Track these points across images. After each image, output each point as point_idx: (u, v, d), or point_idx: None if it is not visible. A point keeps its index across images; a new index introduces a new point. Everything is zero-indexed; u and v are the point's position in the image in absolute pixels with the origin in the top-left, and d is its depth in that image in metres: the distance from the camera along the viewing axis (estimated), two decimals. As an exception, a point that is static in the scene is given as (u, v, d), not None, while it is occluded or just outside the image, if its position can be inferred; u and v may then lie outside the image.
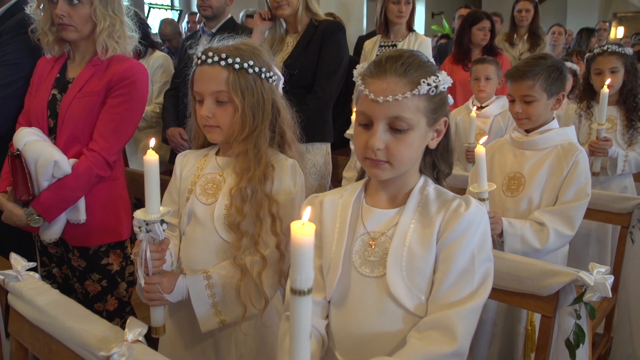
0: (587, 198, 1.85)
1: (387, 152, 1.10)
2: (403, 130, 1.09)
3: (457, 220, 1.10)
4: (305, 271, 0.81)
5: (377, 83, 1.09)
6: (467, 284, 1.08)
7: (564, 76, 1.93)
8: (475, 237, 1.11)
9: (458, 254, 1.09)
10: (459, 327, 1.04)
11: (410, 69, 1.09)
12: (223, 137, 1.48)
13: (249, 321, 1.46)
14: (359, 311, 1.15)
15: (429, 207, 1.14)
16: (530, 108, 1.92)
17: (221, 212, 1.45)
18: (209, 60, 1.43)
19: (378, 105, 1.08)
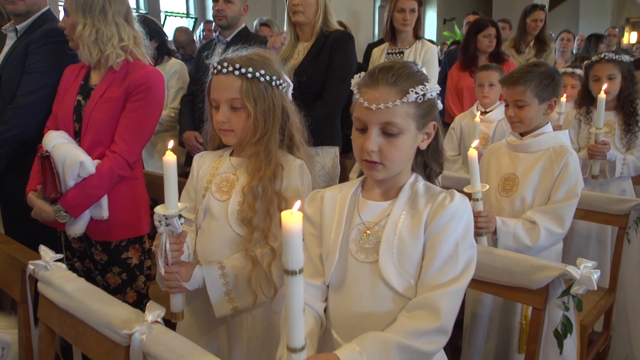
0: (576, 198, 1.95)
1: (381, 154, 1.22)
2: (394, 134, 1.21)
3: (442, 211, 1.22)
4: (295, 253, 0.93)
5: (371, 92, 1.21)
6: (452, 268, 1.19)
7: (556, 83, 2.04)
8: (459, 227, 1.22)
9: (443, 241, 1.20)
10: (443, 306, 1.15)
11: (400, 79, 1.20)
12: (237, 139, 1.60)
13: (259, 308, 1.59)
14: (354, 294, 1.26)
15: (418, 201, 1.26)
16: (522, 112, 2.04)
17: (234, 208, 1.57)
18: (224, 70, 1.56)
19: (371, 112, 1.20)
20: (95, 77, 2.13)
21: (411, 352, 1.13)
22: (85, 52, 2.03)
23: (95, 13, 2.02)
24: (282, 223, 0.91)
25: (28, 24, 2.44)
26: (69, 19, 2.05)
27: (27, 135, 2.26)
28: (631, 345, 2.46)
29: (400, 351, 1.12)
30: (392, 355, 1.11)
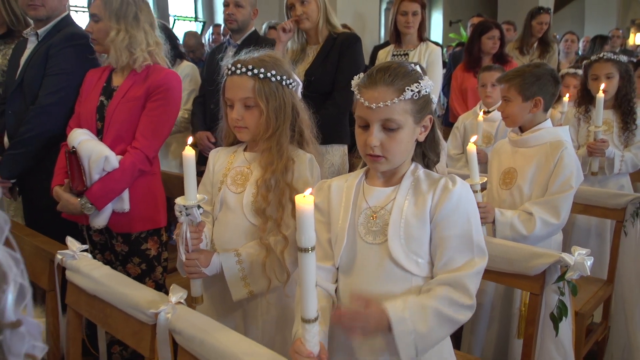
0: (571, 190, 2.05)
1: (383, 148, 1.32)
2: (394, 129, 1.32)
3: (447, 195, 1.32)
4: (308, 233, 1.05)
5: (370, 92, 1.31)
6: (469, 247, 1.30)
7: (543, 83, 2.14)
8: (468, 209, 1.33)
9: (456, 223, 1.31)
10: (471, 287, 1.28)
11: (396, 79, 1.31)
12: (250, 136, 1.72)
13: (273, 293, 1.70)
14: (363, 274, 1.37)
15: (420, 186, 1.37)
16: (507, 108, 2.18)
17: (249, 199, 1.68)
18: (238, 71, 1.67)
19: (372, 110, 1.31)
20: (117, 79, 2.25)
21: (445, 319, 1.26)
22: (115, 56, 2.16)
23: (129, 20, 2.15)
24: (296, 206, 1.02)
25: (48, 28, 2.56)
26: (100, 25, 2.16)
27: (49, 134, 2.38)
28: (629, 334, 2.54)
29: (436, 316, 1.25)
30: (429, 318, 1.24)
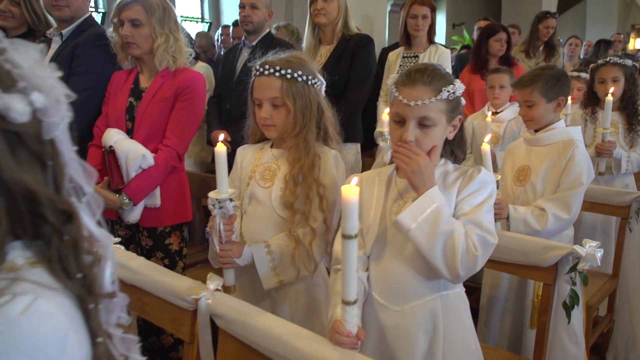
0: (582, 186, 2.15)
1: (417, 143, 1.42)
2: (429, 126, 1.42)
3: (471, 180, 1.44)
4: (351, 221, 1.14)
5: (409, 90, 1.41)
6: (477, 226, 1.41)
7: (563, 83, 2.25)
8: (485, 192, 1.44)
9: (475, 196, 1.44)
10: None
11: (434, 80, 1.41)
12: (278, 133, 1.80)
13: (301, 282, 1.79)
14: (395, 260, 1.47)
15: (449, 177, 1.48)
16: (532, 111, 2.26)
17: (277, 194, 1.77)
18: (266, 72, 1.76)
19: (410, 107, 1.40)
20: (145, 80, 2.35)
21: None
22: (159, 60, 2.25)
23: (171, 25, 2.27)
24: (342, 196, 1.11)
25: (72, 28, 2.64)
26: (141, 30, 2.24)
27: (75, 132, 2.46)
28: (633, 326, 2.65)
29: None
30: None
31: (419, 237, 1.35)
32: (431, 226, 1.34)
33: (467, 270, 1.36)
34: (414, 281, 1.45)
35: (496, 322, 2.37)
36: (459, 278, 1.38)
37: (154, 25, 2.24)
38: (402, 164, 1.40)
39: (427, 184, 1.38)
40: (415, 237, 1.35)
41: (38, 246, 0.70)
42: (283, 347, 1.21)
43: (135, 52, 2.29)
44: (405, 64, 3.74)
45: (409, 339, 1.44)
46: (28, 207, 0.68)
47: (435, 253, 1.35)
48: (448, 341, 1.45)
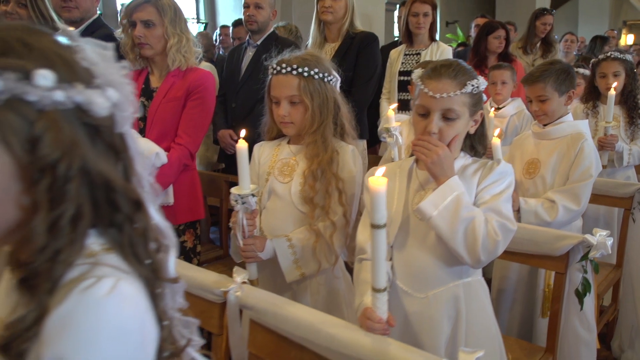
0: (590, 178, 2.21)
1: (440, 135, 1.47)
2: (453, 119, 1.47)
3: (491, 171, 1.50)
4: (380, 211, 1.18)
5: (434, 83, 1.47)
6: (497, 213, 1.46)
7: (572, 76, 2.31)
8: (507, 180, 1.50)
9: (495, 186, 1.49)
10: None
11: (459, 74, 1.47)
12: (296, 130, 1.85)
13: (322, 275, 1.83)
14: (417, 249, 1.52)
15: (469, 169, 1.54)
16: (545, 106, 2.31)
17: (297, 189, 1.82)
18: (283, 70, 1.80)
19: (435, 100, 1.46)
20: (155, 80, 2.39)
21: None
22: (171, 60, 2.29)
23: (182, 25, 2.30)
24: (369, 187, 1.16)
25: (81, 30, 2.68)
26: (154, 31, 2.27)
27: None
28: (637, 315, 2.71)
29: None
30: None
31: (441, 223, 1.40)
32: (452, 213, 1.39)
33: (488, 255, 1.41)
34: (437, 269, 1.50)
35: (506, 312, 2.42)
36: (480, 263, 1.44)
37: (167, 26, 2.28)
38: (422, 155, 1.45)
39: (447, 174, 1.44)
40: (437, 224, 1.40)
41: (110, 234, 0.74)
42: (317, 334, 1.25)
43: (148, 53, 2.32)
44: (407, 61, 3.79)
45: (432, 324, 1.50)
46: (106, 196, 0.72)
47: (457, 239, 1.40)
48: (470, 326, 1.50)
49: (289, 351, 1.35)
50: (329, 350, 1.24)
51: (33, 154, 0.66)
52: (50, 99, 0.67)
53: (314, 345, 1.27)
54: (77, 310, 0.64)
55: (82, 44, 0.73)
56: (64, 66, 0.69)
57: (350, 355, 1.19)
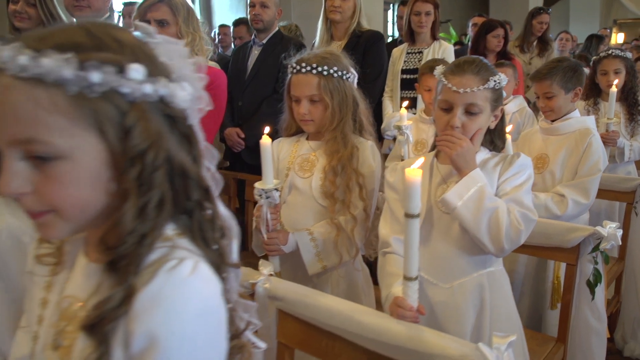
0: (599, 173, 2.28)
1: (463, 129, 1.52)
2: (475, 113, 1.52)
3: (512, 164, 1.56)
4: (414, 201, 1.23)
5: (458, 79, 1.52)
6: (518, 204, 1.51)
7: (579, 74, 2.38)
8: (527, 172, 1.56)
9: (516, 178, 1.54)
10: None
11: (481, 70, 1.52)
12: (316, 127, 1.89)
13: (342, 267, 1.87)
14: (441, 241, 1.57)
15: (489, 162, 1.59)
16: (551, 102, 2.37)
17: (317, 183, 1.86)
18: (303, 70, 1.84)
19: (459, 94, 1.51)
20: None
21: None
22: None
23: (194, 24, 2.33)
24: (405, 178, 1.21)
25: None
26: (169, 30, 2.28)
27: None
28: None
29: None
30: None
31: (465, 214, 1.45)
32: (476, 204, 1.44)
33: (511, 244, 1.47)
34: (461, 260, 1.55)
35: (514, 305, 2.48)
36: (503, 252, 1.49)
37: (180, 25, 2.31)
38: (446, 148, 1.50)
39: (470, 166, 1.49)
40: (461, 214, 1.46)
41: (182, 219, 0.79)
42: (349, 323, 1.29)
43: None
44: (410, 59, 3.84)
45: (458, 313, 1.55)
46: (182, 183, 0.76)
47: (481, 229, 1.45)
48: (494, 315, 1.55)
49: (319, 340, 1.39)
50: (362, 337, 1.28)
51: (125, 143, 0.71)
52: (141, 92, 0.72)
53: (346, 333, 1.31)
54: (165, 288, 0.69)
55: (160, 40, 0.77)
56: (148, 61, 0.73)
57: (385, 342, 1.23)
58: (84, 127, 0.70)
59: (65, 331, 0.79)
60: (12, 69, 0.67)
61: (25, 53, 0.67)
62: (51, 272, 0.86)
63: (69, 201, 0.71)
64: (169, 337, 0.68)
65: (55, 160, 0.70)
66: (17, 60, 0.66)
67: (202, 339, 0.71)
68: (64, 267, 0.86)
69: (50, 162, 0.70)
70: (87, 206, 0.73)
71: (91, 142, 0.71)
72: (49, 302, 0.85)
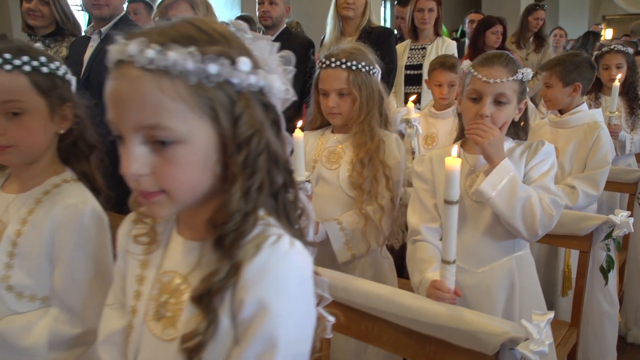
0: (607, 165, 2.38)
1: (492, 119, 1.59)
2: (503, 103, 1.60)
3: (537, 152, 1.65)
4: (454, 188, 1.30)
5: (488, 70, 1.60)
6: (545, 190, 1.60)
7: (581, 70, 2.48)
8: (551, 159, 1.66)
9: (542, 166, 1.64)
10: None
11: (509, 63, 1.60)
12: (343, 121, 1.96)
13: (370, 256, 1.94)
14: (472, 228, 1.66)
15: (515, 151, 1.68)
16: (549, 92, 2.50)
17: (345, 175, 1.93)
18: (333, 64, 1.91)
19: (488, 85, 1.58)
20: None
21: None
22: None
23: (212, 18, 2.36)
24: (445, 165, 1.28)
25: (110, 26, 2.74)
26: None
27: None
28: (642, 296, 2.89)
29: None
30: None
31: (500, 203, 1.53)
32: (510, 193, 1.52)
33: (544, 228, 1.56)
34: (491, 246, 1.64)
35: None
36: (537, 237, 1.58)
37: None
38: (478, 137, 1.58)
39: (501, 155, 1.57)
40: (496, 203, 1.53)
41: (267, 201, 0.85)
42: (392, 305, 1.36)
43: None
44: (413, 55, 3.92)
45: (490, 296, 1.63)
46: (274, 167, 0.83)
47: (515, 217, 1.53)
48: (523, 296, 1.64)
49: (359, 322, 1.46)
50: (403, 318, 1.35)
51: (234, 129, 0.78)
52: (247, 82, 0.79)
53: (386, 314, 1.38)
54: (270, 261, 0.77)
55: (252, 36, 0.84)
56: (249, 55, 0.80)
57: (426, 321, 1.30)
58: (199, 114, 0.77)
59: (169, 303, 0.86)
60: (140, 61, 0.74)
61: (152, 47, 0.73)
62: (145, 251, 0.93)
63: (182, 183, 0.79)
64: (277, 303, 0.76)
65: (173, 144, 0.77)
66: (145, 53, 0.73)
67: (302, 305, 0.80)
68: (158, 246, 0.93)
69: (169, 146, 0.77)
70: (196, 188, 0.80)
71: (205, 127, 0.78)
72: (146, 279, 0.92)
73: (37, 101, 1.24)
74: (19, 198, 1.30)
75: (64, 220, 1.25)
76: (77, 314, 1.26)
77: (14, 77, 1.20)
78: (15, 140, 1.22)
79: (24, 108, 1.22)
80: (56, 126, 1.30)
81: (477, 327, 1.23)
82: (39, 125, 1.25)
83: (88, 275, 1.26)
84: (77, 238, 1.25)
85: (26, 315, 1.25)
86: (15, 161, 1.27)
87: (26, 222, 1.25)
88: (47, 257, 1.26)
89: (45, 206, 1.27)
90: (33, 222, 1.26)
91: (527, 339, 1.16)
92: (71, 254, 1.25)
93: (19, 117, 1.22)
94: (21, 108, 1.22)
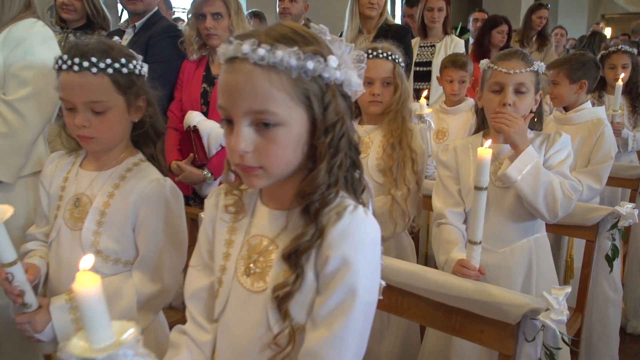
0: (610, 160, 2.53)
1: (514, 108, 1.75)
2: (524, 92, 1.76)
3: (555, 142, 1.80)
4: (485, 175, 1.44)
5: (507, 63, 1.76)
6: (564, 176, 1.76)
7: (587, 68, 2.63)
8: (568, 149, 1.82)
9: (559, 154, 1.79)
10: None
11: (525, 57, 1.77)
12: (382, 109, 2.09)
13: (392, 239, 2.08)
14: (494, 213, 1.79)
15: (535, 141, 1.82)
16: (555, 89, 2.65)
17: (373, 162, 2.06)
18: (380, 55, 2.05)
19: (509, 75, 1.74)
20: (216, 68, 2.60)
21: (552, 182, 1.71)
22: None
23: (242, 17, 2.55)
24: (478, 156, 1.41)
25: (144, 21, 2.86)
26: (223, 22, 2.50)
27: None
28: (641, 287, 3.03)
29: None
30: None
31: (524, 187, 1.68)
32: (534, 177, 1.67)
33: (564, 211, 1.73)
34: (512, 228, 1.79)
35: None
36: (557, 219, 1.74)
37: (232, 17, 2.50)
38: (504, 126, 1.72)
39: (526, 143, 1.71)
40: (521, 187, 1.68)
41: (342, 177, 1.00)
42: (422, 280, 1.50)
43: (215, 43, 2.51)
44: (423, 52, 4.05)
45: (510, 274, 1.78)
46: (349, 149, 0.98)
47: (538, 199, 1.68)
48: (540, 274, 1.80)
49: (389, 297, 1.59)
50: (432, 292, 1.48)
51: (324, 116, 0.93)
52: (334, 77, 0.94)
53: (416, 289, 1.51)
54: (351, 225, 0.94)
55: (330, 38, 0.97)
56: (333, 53, 0.94)
57: (455, 295, 1.44)
58: (297, 102, 0.92)
59: (258, 261, 1.02)
60: (253, 58, 0.89)
61: (263, 47, 0.88)
62: (233, 219, 1.09)
63: (278, 159, 0.94)
64: (357, 259, 0.92)
65: (276, 127, 0.92)
66: (258, 52, 0.88)
67: (375, 262, 0.97)
68: (245, 215, 1.08)
69: (271, 128, 0.92)
70: (288, 164, 0.96)
71: (301, 113, 0.93)
72: (234, 242, 1.08)
73: (117, 98, 1.42)
74: (101, 175, 1.49)
75: (149, 192, 1.44)
76: (157, 272, 1.47)
77: (99, 79, 1.37)
78: (98, 133, 1.41)
79: (106, 107, 1.40)
80: (132, 117, 1.49)
81: (501, 299, 1.36)
82: (117, 119, 1.44)
83: (167, 241, 1.46)
84: (159, 208, 1.45)
85: (113, 279, 1.44)
86: (97, 149, 1.47)
87: (113, 195, 1.45)
88: (130, 225, 1.45)
89: (130, 182, 1.46)
90: (119, 195, 1.45)
91: (547, 309, 1.29)
92: (154, 222, 1.45)
93: (102, 113, 1.40)
94: (105, 107, 1.39)
